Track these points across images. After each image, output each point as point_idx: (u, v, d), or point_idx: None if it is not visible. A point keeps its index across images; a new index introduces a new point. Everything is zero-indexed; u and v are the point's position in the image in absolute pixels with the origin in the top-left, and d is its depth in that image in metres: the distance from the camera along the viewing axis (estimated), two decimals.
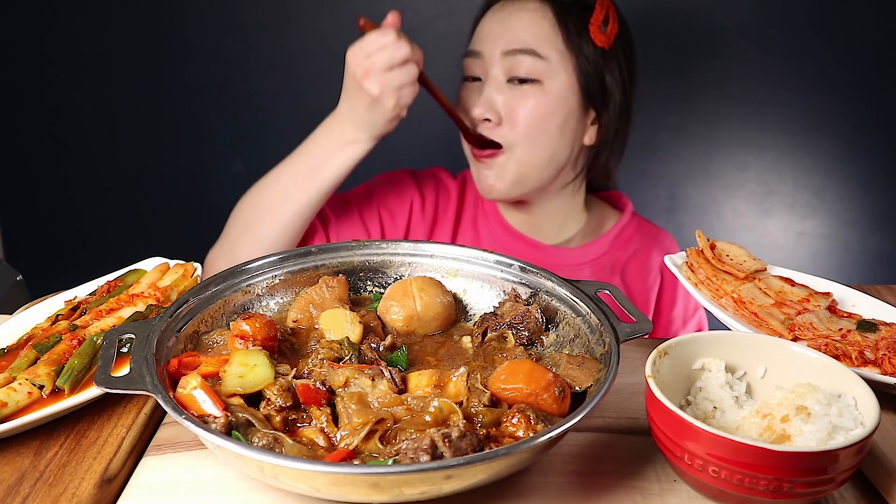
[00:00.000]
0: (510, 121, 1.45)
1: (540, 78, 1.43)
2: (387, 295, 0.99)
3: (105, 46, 2.35)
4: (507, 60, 1.44)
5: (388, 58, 1.30)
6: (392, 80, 1.31)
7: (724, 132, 2.27)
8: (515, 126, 1.45)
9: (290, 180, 1.42)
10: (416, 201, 1.60)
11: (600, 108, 1.51)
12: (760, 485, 0.67)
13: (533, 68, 1.43)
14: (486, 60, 1.47)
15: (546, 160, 1.49)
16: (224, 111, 2.40)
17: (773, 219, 2.32)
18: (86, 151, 2.48)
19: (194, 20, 2.31)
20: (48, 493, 0.74)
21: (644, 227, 1.66)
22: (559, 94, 1.45)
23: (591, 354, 0.85)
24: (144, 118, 2.43)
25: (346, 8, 2.24)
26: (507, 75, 1.45)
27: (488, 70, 1.46)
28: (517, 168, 1.48)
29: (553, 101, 1.44)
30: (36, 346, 0.90)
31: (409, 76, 1.33)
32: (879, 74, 2.15)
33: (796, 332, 0.96)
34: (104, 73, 2.38)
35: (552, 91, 1.44)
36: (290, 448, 0.71)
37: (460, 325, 1.00)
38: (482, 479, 0.67)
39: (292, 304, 0.97)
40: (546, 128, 1.45)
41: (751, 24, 2.17)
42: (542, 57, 1.43)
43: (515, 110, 1.44)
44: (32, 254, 2.60)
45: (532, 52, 1.43)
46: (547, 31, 1.44)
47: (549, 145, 1.47)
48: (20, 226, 2.58)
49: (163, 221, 2.52)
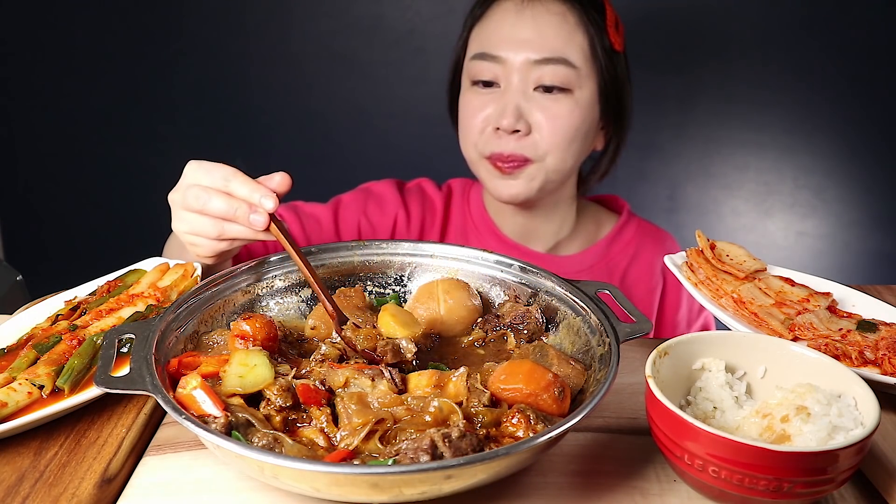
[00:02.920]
0: (540, 132, 1.38)
1: (570, 87, 1.38)
2: (414, 296, 0.99)
3: (105, 46, 2.35)
4: (536, 69, 1.36)
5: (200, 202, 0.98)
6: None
7: (724, 132, 2.27)
8: (546, 137, 1.38)
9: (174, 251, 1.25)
10: (400, 217, 1.54)
11: (613, 113, 1.48)
12: (760, 485, 0.67)
13: (564, 77, 1.36)
14: (507, 66, 1.38)
15: (571, 167, 1.45)
16: (224, 111, 2.40)
17: (773, 219, 2.32)
18: (86, 151, 2.48)
19: (194, 20, 2.31)
20: (48, 493, 0.74)
21: (644, 229, 1.63)
22: (588, 102, 1.40)
23: (591, 354, 0.85)
24: (144, 118, 2.43)
25: (346, 8, 2.24)
26: (535, 83, 1.37)
27: (510, 77, 1.38)
28: (546, 177, 1.43)
29: (584, 111, 1.40)
30: (36, 346, 0.90)
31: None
32: (879, 74, 2.15)
33: (796, 332, 0.96)
34: (104, 74, 2.38)
35: (582, 100, 1.39)
36: (290, 448, 0.71)
37: None
38: (482, 479, 0.67)
39: (311, 313, 0.97)
40: (576, 137, 1.41)
41: (751, 25, 2.17)
42: (573, 65, 1.37)
43: (547, 121, 1.38)
44: (32, 254, 2.60)
45: (563, 61, 1.36)
46: (573, 35, 1.38)
47: (577, 154, 1.44)
48: (20, 226, 2.58)
49: (163, 222, 2.52)
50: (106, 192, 2.52)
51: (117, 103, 2.41)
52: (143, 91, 2.39)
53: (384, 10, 2.25)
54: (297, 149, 2.41)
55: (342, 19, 2.25)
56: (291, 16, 2.27)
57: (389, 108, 2.28)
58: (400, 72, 2.30)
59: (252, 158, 2.45)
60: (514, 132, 1.38)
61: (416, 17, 2.24)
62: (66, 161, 2.49)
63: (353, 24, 2.25)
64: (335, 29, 2.26)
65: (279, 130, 2.39)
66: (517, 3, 1.41)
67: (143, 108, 2.42)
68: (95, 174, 2.50)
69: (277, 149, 2.43)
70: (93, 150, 2.48)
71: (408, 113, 2.21)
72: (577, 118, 1.39)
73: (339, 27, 2.26)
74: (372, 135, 2.30)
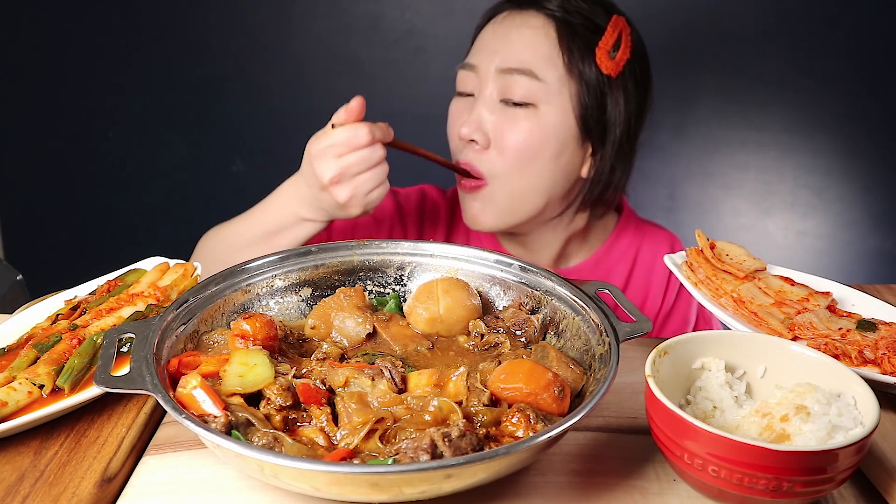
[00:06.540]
0: (498, 146, 1.35)
1: (535, 102, 1.33)
2: (414, 295, 0.99)
3: (105, 46, 2.35)
4: (501, 79, 1.34)
5: (360, 162, 1.20)
6: (363, 186, 1.22)
7: (724, 131, 2.27)
8: (504, 152, 1.35)
9: (244, 241, 1.33)
10: (395, 228, 1.51)
11: (597, 140, 1.40)
12: (760, 484, 0.67)
13: (528, 90, 1.33)
14: (480, 76, 1.37)
15: (535, 191, 1.38)
16: (224, 111, 2.41)
17: (773, 218, 2.32)
18: (85, 151, 2.48)
19: (195, 20, 2.31)
20: (48, 492, 0.74)
21: (644, 230, 1.61)
22: (554, 121, 1.34)
23: (591, 353, 0.85)
24: (144, 117, 2.43)
25: (346, 8, 2.25)
26: (500, 95, 1.35)
27: (482, 87, 1.37)
28: (505, 199, 1.38)
29: (547, 129, 1.34)
30: (36, 346, 0.90)
31: (380, 177, 1.23)
32: (880, 73, 2.15)
33: (796, 332, 0.96)
34: (104, 73, 2.38)
35: (547, 118, 1.34)
36: (290, 447, 0.71)
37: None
38: (482, 478, 0.67)
39: (310, 312, 0.97)
40: (537, 157, 1.35)
41: (751, 24, 2.17)
42: (539, 79, 1.33)
43: (505, 135, 1.34)
44: (32, 254, 2.60)
45: (528, 73, 1.33)
46: (548, 50, 1.34)
47: (540, 175, 1.37)
48: (20, 226, 2.58)
49: (163, 221, 2.52)
50: (106, 191, 2.52)
51: (117, 103, 2.41)
52: (143, 91, 2.40)
53: (383, 9, 2.25)
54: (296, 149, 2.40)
55: (342, 19, 2.25)
56: (291, 15, 2.27)
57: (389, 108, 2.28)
58: (399, 72, 2.30)
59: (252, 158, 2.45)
60: (471, 141, 1.36)
61: (415, 16, 2.24)
62: (66, 161, 2.50)
63: (352, 23, 2.25)
64: (335, 29, 2.27)
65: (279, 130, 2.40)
66: (503, 18, 1.40)
67: (143, 108, 2.42)
68: (95, 174, 2.50)
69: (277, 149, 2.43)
70: (93, 149, 2.48)
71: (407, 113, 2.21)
72: (537, 136, 1.34)
73: (339, 27, 2.26)
74: None
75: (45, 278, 2.12)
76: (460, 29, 1.56)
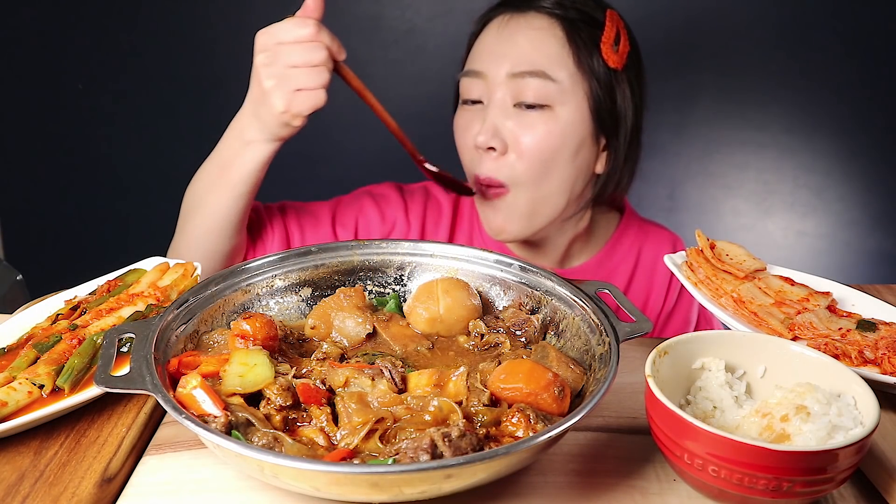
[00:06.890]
0: (517, 151, 1.34)
1: (550, 103, 1.33)
2: (414, 295, 0.99)
3: (105, 46, 2.35)
4: (513, 83, 1.33)
5: (295, 54, 1.14)
6: (291, 80, 1.15)
7: (724, 132, 2.28)
8: (523, 156, 1.34)
9: (204, 183, 1.31)
10: (400, 223, 1.49)
11: (610, 134, 1.40)
12: (760, 484, 0.67)
13: (542, 92, 1.32)
14: (489, 82, 1.35)
15: (557, 192, 1.37)
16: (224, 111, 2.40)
17: (773, 218, 2.32)
18: (86, 151, 2.48)
19: (194, 20, 2.31)
20: (48, 492, 0.74)
21: (646, 230, 1.61)
22: (571, 120, 1.34)
23: (591, 353, 0.85)
24: (144, 118, 2.43)
25: (346, 8, 2.25)
26: (514, 99, 1.34)
27: (492, 93, 1.35)
28: (527, 205, 1.37)
29: (564, 129, 1.34)
30: (36, 346, 0.90)
31: (313, 82, 1.15)
32: (880, 74, 2.16)
33: (796, 332, 0.96)
34: (104, 73, 2.38)
35: (563, 117, 1.33)
36: (290, 447, 0.71)
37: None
38: (482, 478, 0.67)
39: (310, 312, 0.97)
40: (556, 158, 1.34)
41: (751, 24, 2.17)
42: (553, 79, 1.32)
43: (523, 139, 1.33)
44: (32, 254, 2.60)
45: (542, 75, 1.32)
46: (557, 50, 1.33)
47: (560, 176, 1.37)
48: (20, 226, 2.58)
49: (163, 221, 2.52)
50: (106, 191, 2.52)
51: (117, 103, 2.41)
52: (143, 91, 2.40)
53: (383, 9, 2.25)
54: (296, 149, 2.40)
55: (342, 19, 2.25)
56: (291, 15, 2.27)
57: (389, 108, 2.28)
58: (399, 71, 2.30)
59: None
60: (490, 149, 1.35)
61: (415, 16, 2.24)
62: (65, 161, 2.50)
63: (352, 23, 2.25)
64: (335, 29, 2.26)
65: None
66: (503, 19, 1.39)
67: (143, 108, 2.42)
68: (95, 174, 2.50)
69: None
70: (93, 149, 2.48)
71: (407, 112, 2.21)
72: (555, 136, 1.33)
73: (339, 27, 2.26)
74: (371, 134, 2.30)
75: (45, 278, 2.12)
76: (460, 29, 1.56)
